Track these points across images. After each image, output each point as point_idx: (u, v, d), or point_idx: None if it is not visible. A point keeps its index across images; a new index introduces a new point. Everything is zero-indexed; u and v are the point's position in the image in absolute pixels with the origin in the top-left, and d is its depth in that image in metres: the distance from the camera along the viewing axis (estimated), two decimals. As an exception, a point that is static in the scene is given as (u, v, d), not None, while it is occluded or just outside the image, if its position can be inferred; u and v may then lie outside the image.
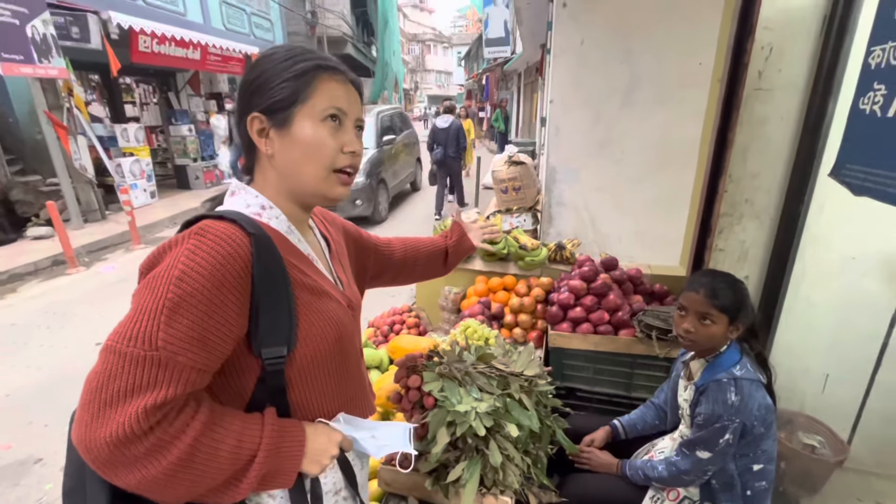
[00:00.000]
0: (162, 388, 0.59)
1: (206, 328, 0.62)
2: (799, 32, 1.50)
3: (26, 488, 2.19)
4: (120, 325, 0.61)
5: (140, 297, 0.62)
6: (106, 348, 0.60)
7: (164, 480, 0.60)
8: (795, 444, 1.73)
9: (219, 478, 0.64)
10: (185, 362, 0.61)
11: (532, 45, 8.94)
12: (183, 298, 0.60)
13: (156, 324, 0.59)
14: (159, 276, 0.62)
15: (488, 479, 1.17)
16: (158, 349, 0.59)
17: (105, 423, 0.57)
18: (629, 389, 1.87)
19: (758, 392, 1.18)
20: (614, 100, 3.21)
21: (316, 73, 0.73)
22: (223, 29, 9.98)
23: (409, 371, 1.30)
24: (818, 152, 1.52)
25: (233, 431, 0.65)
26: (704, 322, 1.23)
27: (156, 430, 0.58)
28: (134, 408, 0.57)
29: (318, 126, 0.72)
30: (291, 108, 0.71)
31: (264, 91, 0.72)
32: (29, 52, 5.24)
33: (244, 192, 0.76)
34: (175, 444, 0.60)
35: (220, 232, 0.64)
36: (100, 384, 0.58)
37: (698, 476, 1.25)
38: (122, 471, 0.58)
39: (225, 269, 0.63)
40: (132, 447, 0.57)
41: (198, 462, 0.62)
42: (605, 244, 3.40)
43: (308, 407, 0.78)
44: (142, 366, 0.58)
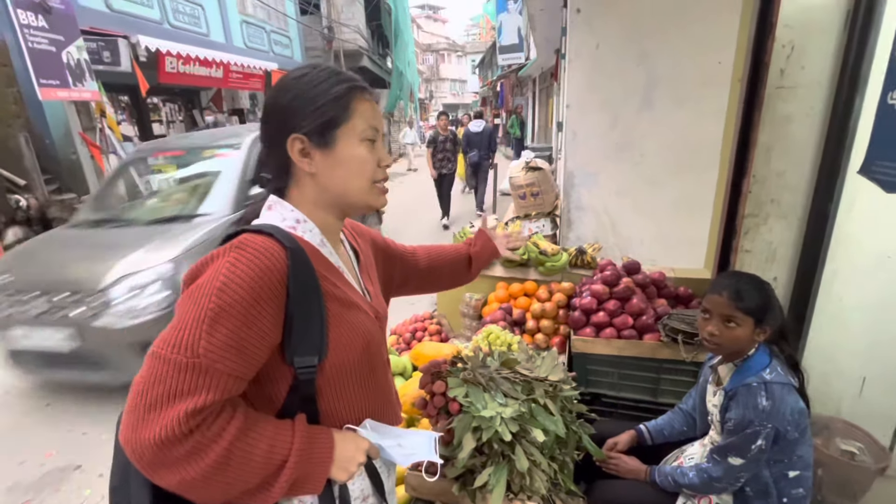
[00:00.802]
0: (202, 394, 0.62)
1: (244, 337, 0.65)
2: (821, 29, 1.48)
3: (66, 494, 2.28)
4: (165, 332, 0.64)
5: (183, 307, 0.65)
6: (151, 354, 0.64)
7: (201, 482, 0.63)
8: (833, 451, 1.67)
9: (252, 481, 0.67)
10: (224, 369, 0.64)
11: (546, 51, 8.95)
12: (223, 309, 0.63)
13: (198, 333, 0.62)
14: (202, 287, 0.65)
15: (515, 484, 1.17)
16: (200, 356, 0.62)
17: (150, 425, 0.60)
18: (655, 395, 1.84)
19: (790, 396, 1.16)
20: (632, 102, 3.19)
21: (352, 95, 0.76)
22: (244, 47, 10.31)
23: (434, 377, 1.32)
24: (846, 149, 1.49)
25: (266, 436, 0.68)
26: (729, 325, 1.21)
27: (195, 433, 0.62)
28: (176, 411, 0.60)
29: (359, 146, 0.77)
30: (334, 130, 0.75)
31: (304, 114, 0.74)
32: (65, 77, 5.53)
33: (280, 207, 0.78)
34: (212, 448, 0.63)
35: (258, 245, 0.68)
36: (145, 388, 0.62)
37: (731, 483, 1.22)
38: (163, 471, 0.62)
39: (263, 282, 0.66)
40: (174, 449, 0.61)
41: (233, 465, 0.65)
42: (626, 247, 3.36)
43: (336, 415, 0.80)
44: (184, 372, 0.62)
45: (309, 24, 13.28)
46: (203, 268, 0.68)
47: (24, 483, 2.35)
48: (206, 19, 9.11)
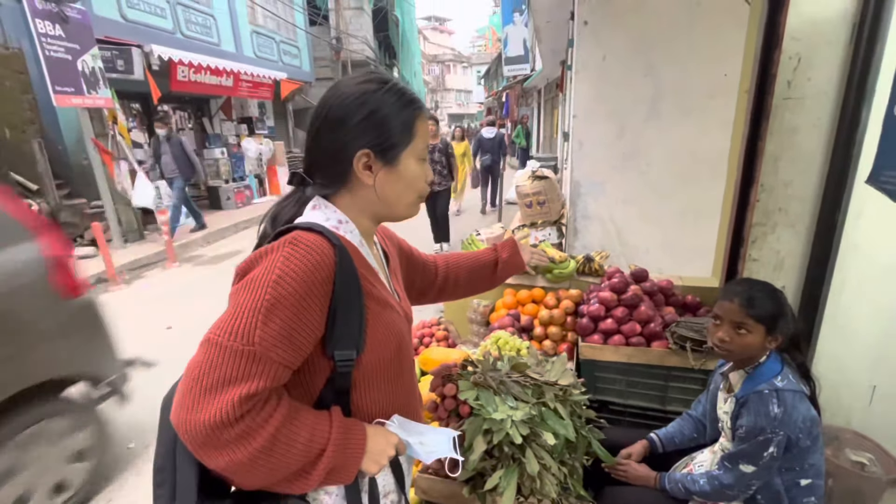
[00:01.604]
0: (254, 381, 0.65)
1: (295, 328, 0.68)
2: (827, 41, 1.50)
3: (74, 496, 2.29)
4: (221, 320, 0.67)
5: (239, 296, 0.68)
6: (207, 341, 0.67)
7: (248, 464, 0.66)
8: (843, 462, 1.66)
9: (293, 467, 0.70)
10: (276, 358, 0.67)
11: (552, 62, 9.04)
12: (278, 300, 0.67)
13: (254, 322, 0.66)
14: (258, 279, 0.68)
15: (525, 487, 1.18)
16: (255, 345, 0.65)
17: (205, 407, 0.63)
18: (664, 402, 1.84)
19: (801, 403, 1.16)
20: (638, 112, 3.22)
21: (416, 117, 0.81)
22: (254, 57, 10.48)
23: (445, 380, 1.33)
24: (853, 159, 1.50)
25: (307, 425, 0.71)
26: (740, 332, 1.21)
27: (246, 418, 0.65)
28: (230, 396, 0.64)
29: (416, 164, 0.82)
30: (401, 149, 0.80)
31: (376, 133, 0.77)
32: (79, 85, 5.63)
33: (324, 207, 0.81)
34: (260, 433, 0.66)
35: (310, 242, 0.71)
36: (202, 372, 0.65)
37: (742, 491, 1.22)
38: (214, 453, 0.65)
39: (314, 276, 0.70)
40: (225, 432, 0.63)
41: (277, 451, 0.67)
42: (632, 256, 3.36)
43: (366, 409, 0.83)
44: (240, 359, 0.65)
45: (318, 34, 13.49)
46: (257, 260, 0.71)
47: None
48: (217, 29, 9.28)
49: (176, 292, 5.16)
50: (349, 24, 14.49)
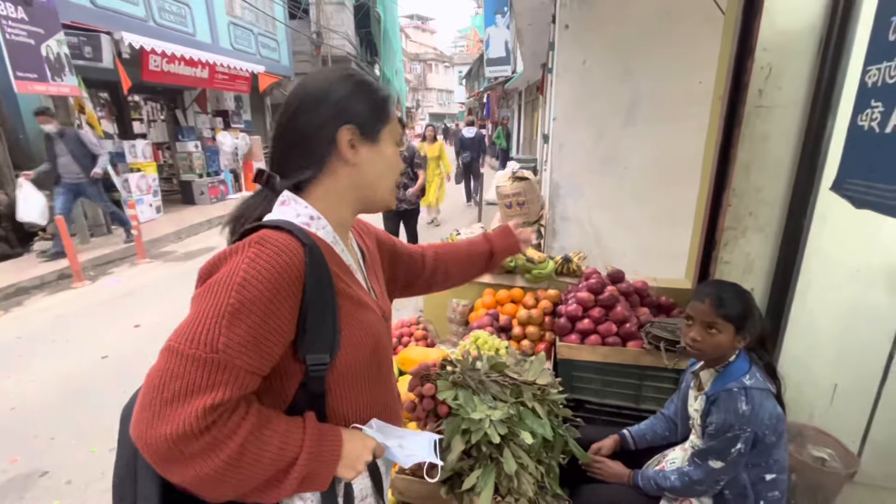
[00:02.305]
0: (220, 390, 0.62)
1: (262, 333, 0.65)
2: (797, 53, 1.56)
3: (32, 501, 2.18)
4: (181, 327, 0.63)
5: (201, 301, 0.64)
6: (168, 349, 0.62)
7: (215, 478, 0.62)
8: (805, 457, 1.73)
9: (263, 477, 0.66)
10: (242, 365, 0.63)
11: (533, 65, 9.13)
12: (243, 304, 0.63)
13: (217, 328, 0.62)
14: (221, 282, 0.64)
15: (503, 487, 1.18)
16: (219, 352, 0.62)
17: (166, 420, 0.59)
18: (638, 401, 1.88)
19: (768, 401, 1.20)
20: (617, 117, 3.28)
21: (390, 101, 0.84)
22: (231, 49, 10.21)
23: (423, 380, 1.32)
24: (819, 167, 1.57)
25: (278, 433, 0.68)
26: (710, 331, 1.25)
27: (212, 429, 0.61)
28: (193, 407, 0.60)
29: (394, 147, 0.84)
30: (381, 126, 0.80)
31: (360, 107, 0.77)
32: (43, 71, 5.37)
33: (294, 203, 0.77)
34: (227, 444, 0.62)
35: (278, 242, 0.67)
36: (161, 383, 0.61)
37: (711, 486, 1.25)
38: (177, 467, 0.61)
39: (282, 278, 0.66)
40: (190, 444, 0.60)
41: (246, 461, 0.64)
42: (609, 259, 3.43)
43: (343, 413, 0.80)
44: (202, 367, 0.61)
45: (297, 28, 13.25)
46: (221, 262, 0.67)
47: (-14, 490, 2.23)
48: (192, 19, 9.00)
49: (145, 289, 4.98)
50: (330, 19, 14.29)
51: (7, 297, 4.69)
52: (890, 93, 1.09)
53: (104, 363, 3.41)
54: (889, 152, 1.11)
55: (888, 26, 1.08)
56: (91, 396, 2.98)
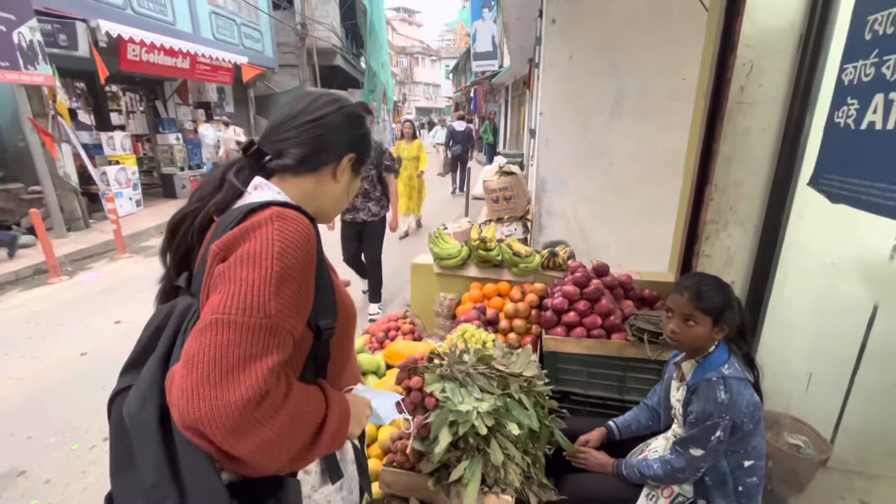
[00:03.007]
0: (274, 353, 0.65)
1: (301, 297, 0.70)
2: (777, 50, 1.59)
3: (8, 501, 2.12)
4: (226, 299, 0.64)
5: (240, 272, 0.66)
6: (216, 322, 0.63)
7: (276, 442, 0.64)
8: (782, 445, 1.79)
9: (307, 440, 0.71)
10: (289, 328, 0.68)
11: (520, 60, 9.13)
12: (286, 271, 0.67)
13: (268, 294, 0.65)
14: (258, 253, 0.67)
15: (490, 477, 1.19)
16: (271, 317, 0.65)
17: (233, 387, 0.60)
18: (622, 392, 1.91)
19: (746, 390, 1.23)
20: (602, 112, 3.31)
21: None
22: (212, 39, 9.96)
23: (411, 372, 1.32)
24: (797, 162, 1.61)
25: (310, 396, 0.73)
26: (689, 323, 1.28)
27: (271, 392, 0.63)
28: (256, 371, 0.62)
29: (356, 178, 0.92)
30: (361, 166, 0.92)
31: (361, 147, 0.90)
32: (15, 59, 5.17)
33: (268, 188, 0.81)
34: (284, 407, 0.65)
35: (296, 216, 0.73)
36: (219, 354, 0.61)
37: (692, 473, 1.29)
38: (244, 437, 0.61)
39: (309, 246, 0.72)
40: (257, 409, 0.61)
41: (297, 422, 0.68)
42: (594, 252, 3.47)
43: (336, 378, 0.87)
44: (259, 333, 0.64)
45: (281, 19, 13.00)
46: (244, 237, 0.69)
47: (-40, 491, 2.17)
48: (172, 7, 8.75)
49: (125, 285, 4.87)
50: (315, 10, 14.04)
51: (-20, 294, 4.54)
52: (865, 90, 1.12)
53: (83, 360, 3.33)
54: (864, 149, 1.14)
55: (864, 25, 1.11)
56: (70, 394, 2.91)
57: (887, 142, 1.04)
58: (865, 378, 1.69)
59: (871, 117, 1.08)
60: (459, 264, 2.39)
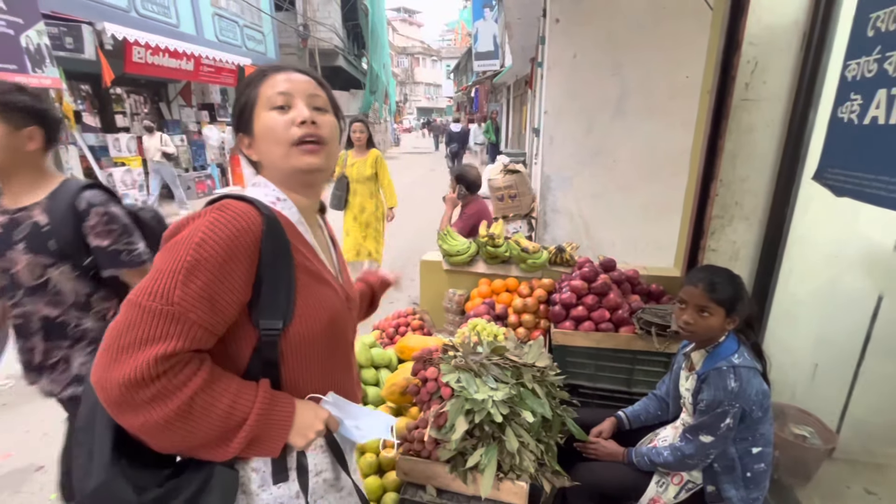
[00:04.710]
0: (172, 340, 0.66)
1: (216, 291, 0.69)
2: (781, 48, 1.62)
3: (28, 496, 2.17)
4: (142, 282, 0.68)
5: (162, 259, 0.69)
6: (128, 302, 0.67)
7: (163, 426, 0.66)
8: (787, 435, 1.82)
9: (211, 434, 0.70)
10: (196, 319, 0.67)
11: (521, 59, 9.16)
12: (199, 262, 0.67)
13: (173, 282, 0.66)
14: (181, 241, 0.69)
15: (505, 464, 1.23)
16: (174, 304, 0.66)
17: (121, 366, 0.64)
18: (630, 385, 1.95)
19: (755, 378, 1.27)
20: (606, 110, 3.34)
21: (261, 77, 0.83)
22: (216, 41, 10.04)
23: (426, 364, 1.36)
24: (801, 157, 1.64)
25: (229, 392, 0.72)
26: (703, 314, 1.31)
27: (162, 378, 0.65)
28: (146, 355, 0.64)
29: (267, 114, 0.81)
30: (250, 113, 0.82)
31: (234, 112, 0.86)
32: (23, 62, 5.23)
33: (264, 185, 0.84)
34: (177, 395, 0.66)
35: (238, 208, 0.73)
36: (120, 332, 0.65)
37: (702, 460, 1.32)
38: (128, 412, 0.65)
39: (238, 241, 0.71)
40: (141, 391, 0.64)
41: (195, 415, 0.68)
42: (598, 249, 3.50)
43: (297, 385, 0.82)
44: (158, 318, 0.66)
45: (283, 20, 13.06)
46: (183, 225, 0.72)
47: (-20, 486, 2.22)
48: (176, 10, 8.82)
49: (133, 285, 4.92)
50: (317, 12, 14.11)
51: (-10, 294, 4.59)
52: (868, 86, 1.15)
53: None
54: (867, 143, 1.18)
55: (867, 22, 1.14)
56: (84, 391, 2.95)
57: (890, 136, 1.07)
58: (870, 368, 1.72)
59: (874, 112, 1.11)
60: (468, 260, 2.43)
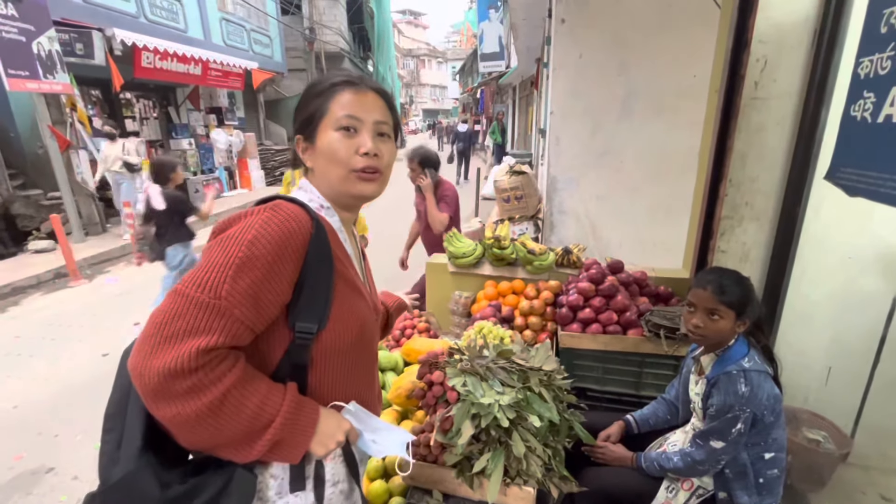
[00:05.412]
0: (214, 335, 0.66)
1: (262, 290, 0.70)
2: (791, 45, 1.60)
3: (39, 497, 2.19)
4: (191, 273, 0.69)
5: (212, 252, 0.69)
6: (175, 291, 0.67)
7: (194, 420, 0.66)
8: (801, 440, 1.78)
9: (237, 432, 0.70)
10: (239, 316, 0.68)
11: (527, 60, 9.14)
12: (250, 259, 0.68)
13: (223, 277, 0.67)
14: (232, 237, 0.69)
15: (512, 469, 1.22)
16: (221, 298, 0.66)
17: (162, 355, 0.64)
18: (638, 388, 1.92)
19: (766, 382, 1.24)
20: (612, 111, 3.32)
21: (333, 89, 0.81)
22: (223, 45, 10.13)
23: (432, 367, 1.35)
24: (813, 156, 1.61)
25: (259, 392, 0.71)
26: (713, 317, 1.29)
27: (199, 371, 0.65)
28: (189, 346, 0.64)
29: (332, 133, 0.80)
30: (317, 124, 0.81)
31: (299, 116, 0.85)
32: (35, 68, 5.32)
33: (309, 192, 0.85)
34: (211, 389, 0.66)
35: (290, 210, 0.74)
36: (165, 320, 0.65)
37: (712, 465, 1.30)
38: (163, 402, 0.65)
39: (289, 242, 0.71)
40: (178, 382, 0.64)
41: (225, 411, 0.68)
42: (605, 250, 3.47)
43: (321, 392, 0.83)
44: (204, 311, 0.66)
45: (290, 24, 13.15)
46: (235, 220, 0.73)
47: (-8, 487, 2.24)
48: (184, 15, 8.92)
49: (143, 287, 4.96)
50: (323, 15, 14.18)
51: (4, 297, 4.66)
52: (882, 83, 1.13)
53: (105, 360, 3.42)
54: (881, 141, 1.15)
55: (880, 18, 1.12)
56: (93, 393, 2.98)
57: (905, 134, 1.04)
58: (886, 371, 1.68)
59: (888, 110, 1.09)
60: (474, 263, 2.42)
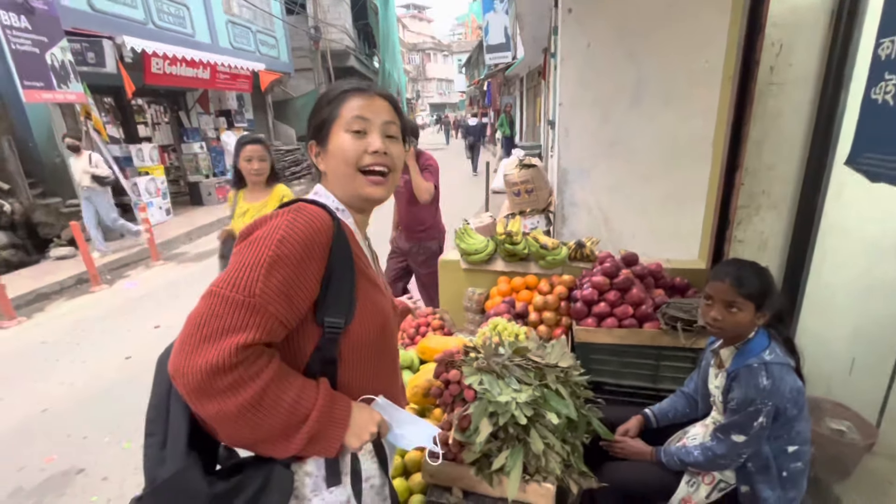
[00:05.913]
0: (251, 331, 0.69)
1: (293, 286, 0.73)
2: (808, 28, 1.55)
3: (71, 498, 2.27)
4: (223, 274, 0.72)
5: (243, 253, 0.73)
6: (210, 293, 0.70)
7: (235, 416, 0.69)
8: (824, 430, 1.75)
9: (276, 427, 0.73)
10: (274, 312, 0.71)
11: (534, 50, 9.03)
12: (280, 258, 0.72)
13: (256, 275, 0.70)
14: (262, 238, 0.73)
15: (531, 466, 1.22)
16: (255, 296, 0.70)
17: (203, 353, 0.67)
18: (655, 381, 1.91)
19: (788, 375, 1.22)
20: (622, 100, 3.26)
21: (344, 95, 0.87)
22: (230, 48, 10.20)
23: (448, 366, 1.36)
24: (832, 142, 1.57)
25: (294, 387, 0.75)
26: (731, 310, 1.27)
27: (239, 367, 0.68)
28: (228, 343, 0.67)
29: (342, 135, 0.85)
30: (328, 129, 0.86)
31: (312, 122, 0.89)
32: (49, 79, 5.42)
33: (325, 196, 0.89)
34: (251, 385, 0.69)
35: (313, 210, 0.78)
36: (203, 321, 0.69)
37: (734, 460, 1.29)
38: (206, 400, 0.68)
39: (315, 240, 0.76)
40: (220, 378, 0.67)
41: (265, 406, 0.71)
42: (619, 242, 3.43)
43: (350, 386, 0.86)
44: (240, 309, 0.69)
45: (295, 24, 13.18)
46: (262, 223, 0.76)
47: (26, 488, 2.32)
48: (191, 20, 8.99)
49: (161, 291, 5.07)
50: (327, 13, 14.19)
51: (29, 304, 4.79)
52: (904, 65, 1.09)
53: (128, 363, 3.50)
54: (904, 125, 1.11)
55: (902, -2, 1.08)
56: (118, 395, 3.07)
57: (930, 117, 1.01)
58: (912, 360, 1.64)
59: (911, 93, 1.05)
60: (486, 259, 2.42)
